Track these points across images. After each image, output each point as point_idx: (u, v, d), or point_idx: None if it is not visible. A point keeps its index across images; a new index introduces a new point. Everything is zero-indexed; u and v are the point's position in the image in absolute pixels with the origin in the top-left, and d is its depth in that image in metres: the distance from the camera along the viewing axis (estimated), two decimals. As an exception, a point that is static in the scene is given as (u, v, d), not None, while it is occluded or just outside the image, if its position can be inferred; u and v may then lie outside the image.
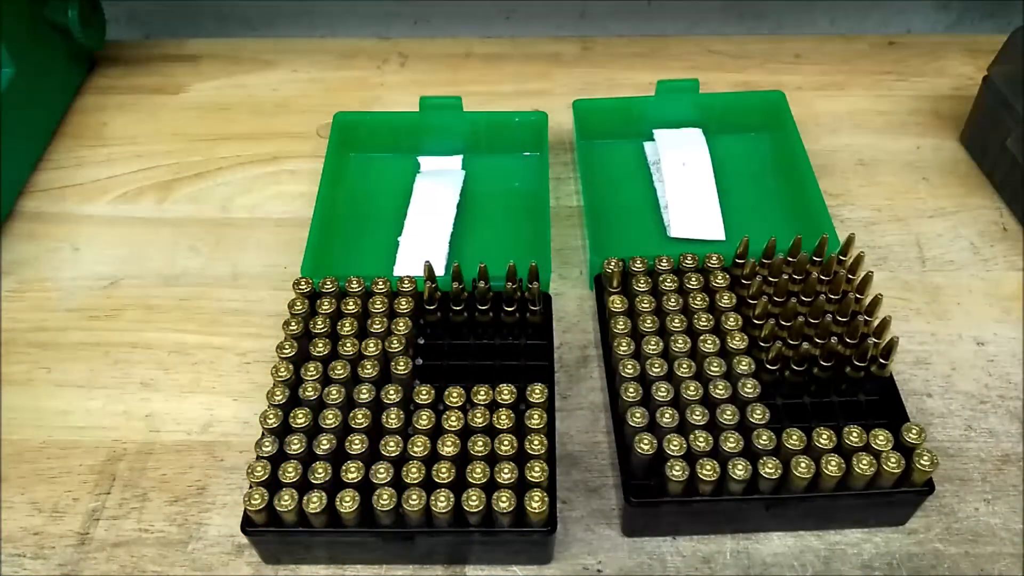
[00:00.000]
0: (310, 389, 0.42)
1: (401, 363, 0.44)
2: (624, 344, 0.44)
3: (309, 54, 0.72)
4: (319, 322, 0.45)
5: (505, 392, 0.42)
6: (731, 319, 0.45)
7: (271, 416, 0.41)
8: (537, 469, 0.39)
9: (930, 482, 0.40)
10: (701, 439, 0.40)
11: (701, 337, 0.44)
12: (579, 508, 0.44)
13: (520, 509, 0.38)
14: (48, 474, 0.45)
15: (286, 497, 0.38)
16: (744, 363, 0.43)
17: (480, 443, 0.40)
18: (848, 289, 0.47)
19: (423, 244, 0.54)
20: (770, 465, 0.39)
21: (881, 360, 0.43)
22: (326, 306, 0.46)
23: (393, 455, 0.40)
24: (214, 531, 0.43)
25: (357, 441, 0.40)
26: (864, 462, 0.39)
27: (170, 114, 0.67)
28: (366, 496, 0.39)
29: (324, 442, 0.40)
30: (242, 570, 0.42)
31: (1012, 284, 0.53)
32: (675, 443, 0.40)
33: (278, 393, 0.42)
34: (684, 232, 0.55)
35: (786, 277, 0.46)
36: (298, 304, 0.46)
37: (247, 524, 0.40)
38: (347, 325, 0.45)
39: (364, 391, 0.42)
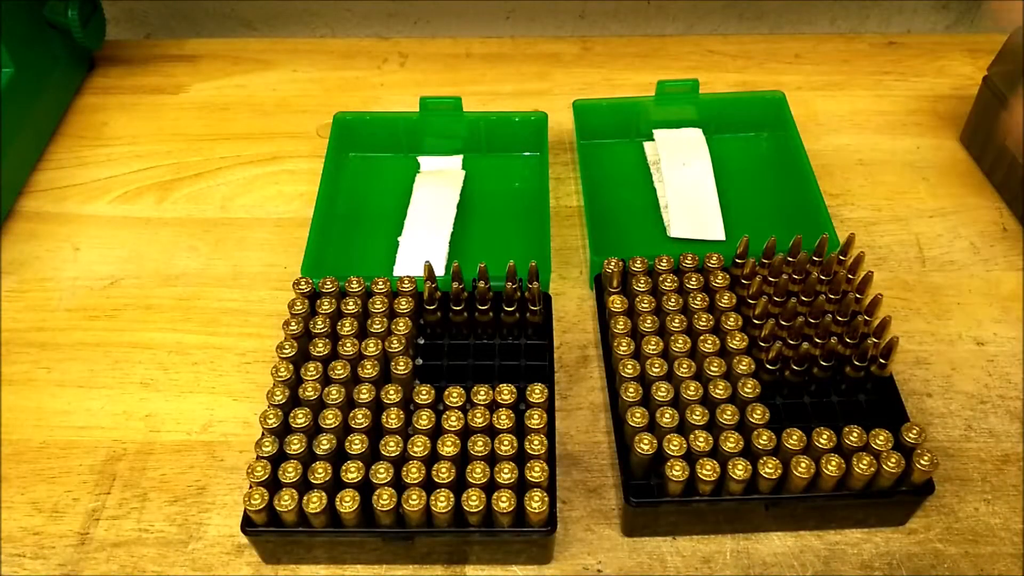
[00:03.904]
0: (310, 389, 0.42)
1: (401, 363, 0.44)
2: (624, 344, 0.44)
3: (309, 54, 0.72)
4: (319, 322, 0.45)
5: (505, 392, 0.42)
6: (731, 319, 0.45)
7: (271, 416, 0.41)
8: (537, 469, 0.39)
9: (930, 482, 0.40)
10: (701, 439, 0.40)
11: (701, 337, 0.44)
12: (579, 508, 0.44)
13: (520, 509, 0.38)
14: (48, 474, 0.45)
15: (286, 497, 0.38)
16: (744, 363, 0.43)
17: (480, 443, 0.40)
18: (848, 289, 0.47)
19: (423, 244, 0.54)
20: (770, 465, 0.39)
21: (881, 360, 0.43)
22: (326, 306, 0.46)
23: (393, 455, 0.40)
24: (214, 531, 0.43)
25: (357, 441, 0.40)
26: (864, 462, 0.39)
27: (170, 114, 0.67)
28: (366, 496, 0.39)
29: (324, 442, 0.40)
30: (242, 570, 0.42)
31: (1012, 284, 0.53)
32: (675, 443, 0.40)
33: (278, 393, 0.42)
34: (684, 232, 0.55)
35: (786, 277, 0.46)
36: (298, 304, 0.46)
37: (247, 524, 0.40)
38: (347, 325, 0.45)
39: (364, 391, 0.42)
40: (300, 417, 0.41)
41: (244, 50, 0.72)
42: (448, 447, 0.40)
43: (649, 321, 0.45)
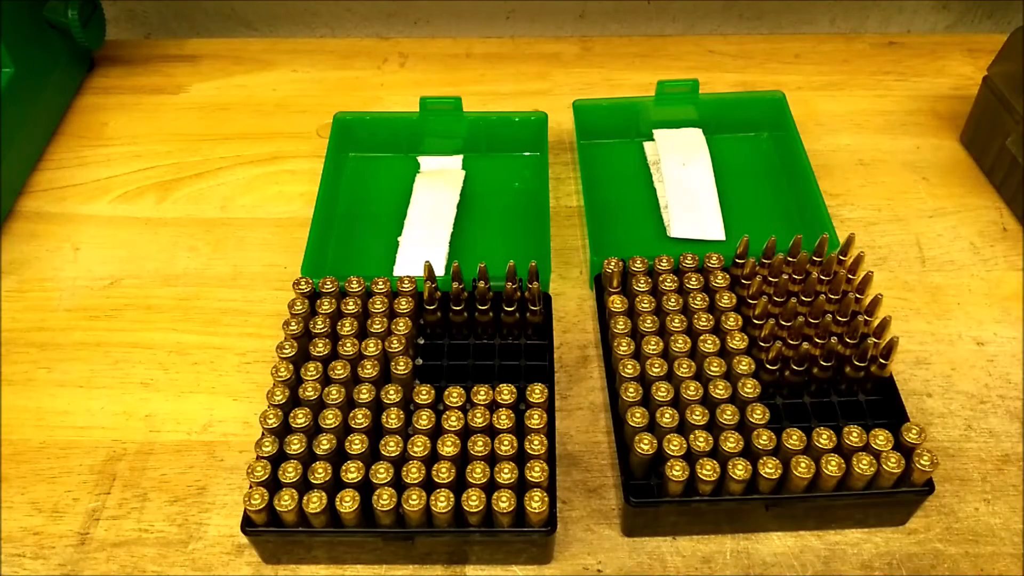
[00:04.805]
0: (310, 389, 0.42)
1: (401, 363, 0.44)
2: (624, 344, 0.44)
3: (309, 54, 0.72)
4: (319, 322, 0.45)
5: (505, 392, 0.42)
6: (731, 319, 0.45)
7: (271, 416, 0.41)
8: (537, 469, 0.39)
9: (930, 482, 0.40)
10: (701, 439, 0.40)
11: (701, 337, 0.44)
12: (579, 508, 0.44)
13: (520, 509, 0.38)
14: (48, 474, 0.45)
15: (286, 497, 0.38)
16: (744, 363, 0.43)
17: (480, 443, 0.40)
18: (848, 289, 0.47)
19: (423, 244, 0.54)
20: (770, 465, 0.39)
21: (881, 360, 0.43)
22: (326, 306, 0.46)
23: (393, 455, 0.40)
24: (214, 531, 0.43)
25: (357, 441, 0.40)
26: (864, 462, 0.39)
27: (170, 114, 0.67)
28: (366, 496, 0.39)
29: (324, 442, 0.40)
30: (242, 570, 0.42)
31: (1012, 284, 0.53)
32: (675, 443, 0.40)
33: (278, 393, 0.42)
34: (684, 232, 0.55)
35: (786, 277, 0.46)
36: (298, 304, 0.46)
37: (247, 524, 0.40)
38: (347, 325, 0.45)
39: (364, 391, 0.42)
40: (300, 417, 0.41)
41: (244, 50, 0.72)
42: (448, 447, 0.40)
43: (649, 321, 0.45)
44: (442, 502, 0.38)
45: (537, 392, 0.42)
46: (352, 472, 0.39)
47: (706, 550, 0.42)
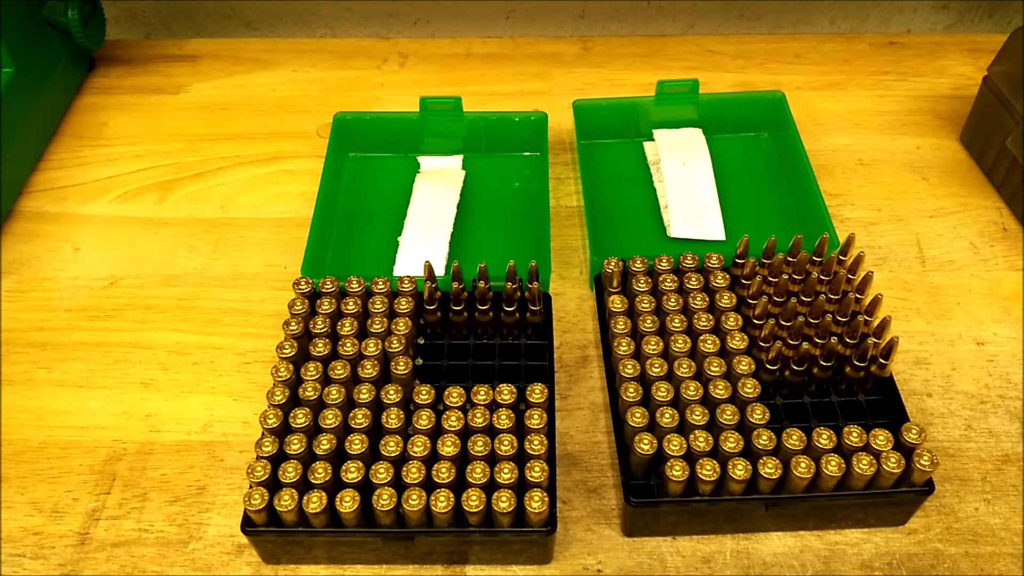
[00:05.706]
0: (310, 389, 0.42)
1: (401, 363, 0.44)
2: (624, 344, 0.44)
3: (309, 54, 0.72)
4: (319, 322, 0.45)
5: (505, 392, 0.42)
6: (731, 319, 0.45)
7: (271, 416, 0.41)
8: (537, 469, 0.39)
9: (930, 482, 0.40)
10: (701, 439, 0.40)
11: (701, 337, 0.44)
12: (579, 508, 0.44)
13: (520, 509, 0.38)
14: (48, 474, 0.45)
15: (286, 497, 0.38)
16: (744, 363, 0.43)
17: (480, 443, 0.40)
18: (848, 289, 0.47)
19: (423, 244, 0.54)
20: (770, 465, 0.39)
21: (881, 360, 0.43)
22: (326, 306, 0.46)
23: (393, 455, 0.40)
24: (214, 531, 0.43)
25: (357, 441, 0.40)
26: (864, 462, 0.39)
27: (170, 114, 0.67)
28: (366, 496, 0.39)
29: (324, 442, 0.40)
30: (242, 570, 0.42)
31: (1012, 284, 0.53)
32: (675, 443, 0.40)
33: (278, 393, 0.42)
34: (684, 232, 0.55)
35: (786, 277, 0.46)
36: (298, 304, 0.46)
37: (247, 524, 0.40)
38: (347, 325, 0.45)
39: (364, 391, 0.42)
40: (300, 417, 0.41)
41: (244, 50, 0.72)
42: (448, 447, 0.40)
43: (649, 321, 0.45)
44: (442, 502, 0.38)
45: (537, 392, 0.42)
46: (352, 472, 0.39)
47: (706, 550, 0.42)
